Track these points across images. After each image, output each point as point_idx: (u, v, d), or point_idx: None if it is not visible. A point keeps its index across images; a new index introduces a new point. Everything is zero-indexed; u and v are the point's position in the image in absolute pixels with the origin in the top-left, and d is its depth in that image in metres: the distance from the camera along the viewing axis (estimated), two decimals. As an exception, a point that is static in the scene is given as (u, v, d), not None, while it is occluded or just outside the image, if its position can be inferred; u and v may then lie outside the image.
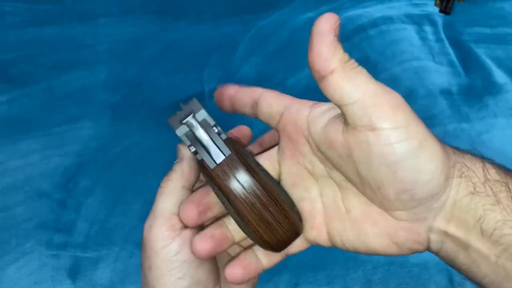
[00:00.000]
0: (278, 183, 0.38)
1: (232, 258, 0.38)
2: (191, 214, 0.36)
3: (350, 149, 0.31)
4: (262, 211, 0.34)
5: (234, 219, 0.36)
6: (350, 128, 0.31)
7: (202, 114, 0.36)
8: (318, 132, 0.34)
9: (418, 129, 0.30)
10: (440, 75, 0.91)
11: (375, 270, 0.70)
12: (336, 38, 0.31)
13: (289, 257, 0.71)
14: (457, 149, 0.33)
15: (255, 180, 0.35)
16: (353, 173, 0.33)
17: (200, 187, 0.38)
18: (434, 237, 0.33)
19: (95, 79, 0.93)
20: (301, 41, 0.97)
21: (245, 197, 0.34)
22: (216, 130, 0.36)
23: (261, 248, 0.37)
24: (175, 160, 0.39)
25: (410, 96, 0.88)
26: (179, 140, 0.38)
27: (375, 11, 1.02)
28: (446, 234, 0.32)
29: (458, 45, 0.96)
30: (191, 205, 0.36)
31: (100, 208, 0.77)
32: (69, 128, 0.86)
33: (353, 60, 0.32)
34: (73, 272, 0.71)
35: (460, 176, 0.31)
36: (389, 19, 1.00)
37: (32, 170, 0.81)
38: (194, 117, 0.36)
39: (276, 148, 0.38)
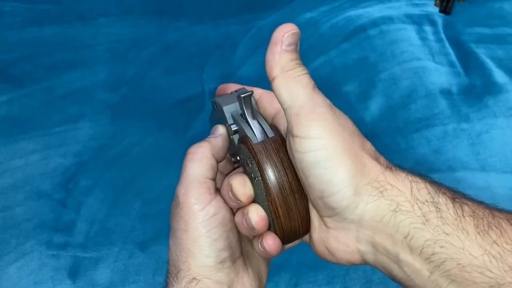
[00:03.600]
0: None
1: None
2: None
3: (289, 150, 0.35)
4: (288, 195, 0.36)
5: (258, 196, 0.37)
6: (287, 129, 0.35)
7: (253, 100, 0.39)
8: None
9: (330, 143, 0.32)
10: (440, 75, 0.91)
11: (375, 270, 0.69)
12: (286, 46, 0.35)
13: (289, 257, 0.71)
14: (398, 167, 0.35)
15: (291, 165, 0.36)
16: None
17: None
18: (364, 248, 0.34)
19: (95, 79, 0.93)
20: (300, 41, 0.97)
21: (278, 176, 0.36)
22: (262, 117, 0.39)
23: None
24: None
25: (410, 96, 0.88)
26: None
27: (375, 11, 1.02)
28: (374, 244, 0.33)
29: (458, 45, 0.96)
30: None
31: (100, 208, 0.77)
32: (69, 128, 0.86)
33: (298, 69, 0.35)
34: (73, 272, 0.71)
35: (379, 194, 0.32)
36: (389, 19, 1.00)
37: (32, 170, 0.81)
38: (246, 98, 0.38)
39: None
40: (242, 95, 0.37)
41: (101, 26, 1.01)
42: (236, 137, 0.39)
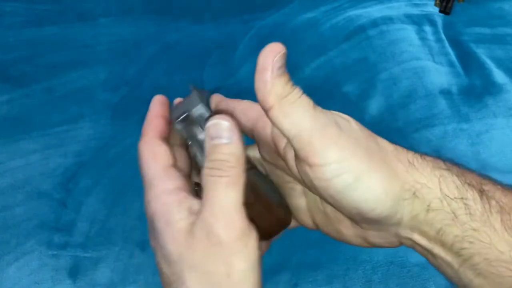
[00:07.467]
0: (265, 176, 0.39)
1: None
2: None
3: (307, 179, 0.33)
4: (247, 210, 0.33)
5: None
6: (296, 157, 0.32)
7: (199, 109, 0.36)
8: (282, 150, 0.35)
9: (353, 163, 0.30)
10: (440, 75, 0.91)
11: (375, 270, 0.70)
12: (276, 71, 0.31)
13: (289, 257, 0.71)
14: (418, 156, 0.35)
15: None
16: None
17: None
18: (404, 242, 0.35)
19: (95, 79, 0.93)
20: (300, 41, 0.97)
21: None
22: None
23: None
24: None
25: (410, 96, 0.88)
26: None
27: (375, 11, 1.02)
28: (412, 240, 0.34)
29: (458, 45, 0.96)
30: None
31: (100, 208, 0.77)
32: (69, 128, 0.86)
33: (294, 92, 0.31)
34: (73, 272, 0.71)
35: (413, 196, 0.32)
36: (389, 19, 1.00)
37: (32, 170, 0.81)
38: (190, 114, 0.37)
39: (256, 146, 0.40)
40: (179, 119, 0.36)
41: (101, 26, 1.01)
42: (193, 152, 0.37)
